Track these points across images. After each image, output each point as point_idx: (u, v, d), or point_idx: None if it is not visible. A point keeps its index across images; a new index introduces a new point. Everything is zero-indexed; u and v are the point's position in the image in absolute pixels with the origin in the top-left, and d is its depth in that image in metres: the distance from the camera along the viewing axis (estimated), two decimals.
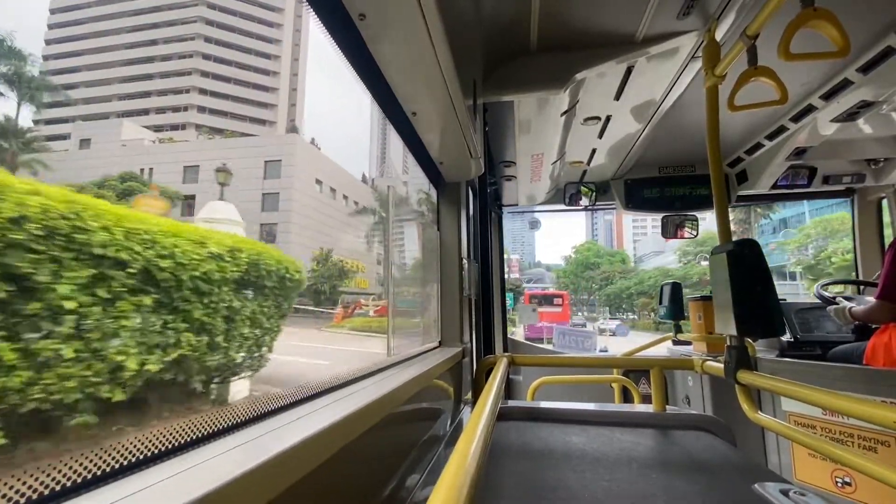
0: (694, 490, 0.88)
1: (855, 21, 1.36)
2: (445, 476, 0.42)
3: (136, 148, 39.62)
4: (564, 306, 23.55)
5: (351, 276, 33.60)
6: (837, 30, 1.04)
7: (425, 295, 1.51)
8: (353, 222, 35.26)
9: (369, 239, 32.35)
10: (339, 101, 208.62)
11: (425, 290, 1.52)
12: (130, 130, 43.31)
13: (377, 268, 31.28)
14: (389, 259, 1.80)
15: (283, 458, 0.45)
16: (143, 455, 0.42)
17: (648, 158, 2.87)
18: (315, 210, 38.55)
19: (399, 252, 1.92)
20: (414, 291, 1.48)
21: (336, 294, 30.98)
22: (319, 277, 30.04)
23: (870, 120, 2.03)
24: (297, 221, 36.29)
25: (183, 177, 37.69)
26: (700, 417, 1.38)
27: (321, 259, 32.49)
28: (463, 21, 1.31)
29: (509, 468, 0.99)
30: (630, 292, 41.87)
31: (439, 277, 1.69)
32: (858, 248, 2.97)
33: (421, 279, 1.52)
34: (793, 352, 2.38)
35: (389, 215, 1.38)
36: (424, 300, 1.51)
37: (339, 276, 31.63)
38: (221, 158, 35.98)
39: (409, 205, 3.37)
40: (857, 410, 0.73)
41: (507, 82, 1.68)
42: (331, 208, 37.30)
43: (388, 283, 1.33)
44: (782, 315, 1.80)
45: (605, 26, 1.52)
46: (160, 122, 52.43)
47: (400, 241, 1.95)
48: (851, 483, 1.75)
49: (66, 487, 0.35)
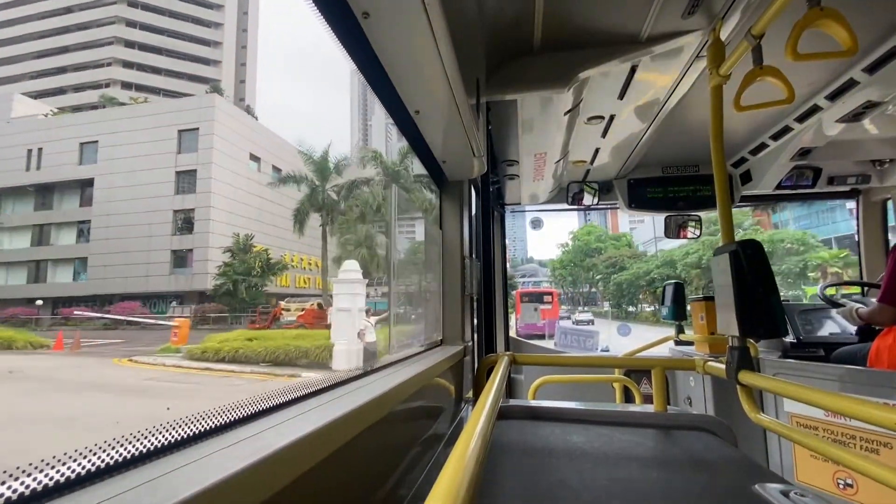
0: (694, 490, 0.88)
1: (861, 21, 1.35)
2: (445, 474, 0.42)
3: (26, 125, 33.70)
4: (554, 304, 24.28)
5: (278, 273, 28.53)
6: (845, 29, 1.04)
7: (417, 293, 1.51)
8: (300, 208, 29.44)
9: (325, 227, 26.98)
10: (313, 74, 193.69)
11: (419, 288, 1.52)
12: (24, 106, 37.01)
13: (329, 262, 26.43)
14: (391, 259, 1.78)
15: (281, 455, 0.45)
16: (137, 452, 0.42)
17: (652, 158, 2.86)
18: (251, 194, 32.47)
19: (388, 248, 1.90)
20: (408, 291, 1.47)
21: (257, 295, 26.33)
22: (232, 274, 25.59)
23: (875, 120, 2.01)
24: (221, 206, 30.36)
25: (80, 156, 31.96)
26: (701, 418, 1.38)
27: (241, 250, 27.36)
28: (466, 19, 1.31)
29: (510, 467, 0.99)
30: (652, 277, 32.38)
31: (441, 276, 1.69)
32: (863, 250, 2.95)
33: (413, 278, 1.51)
34: (795, 353, 2.37)
35: (393, 215, 1.38)
36: (415, 299, 1.51)
37: (261, 272, 26.88)
38: (127, 130, 31.11)
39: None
40: (859, 412, 0.73)
41: (511, 81, 1.68)
42: (274, 192, 31.43)
43: (391, 281, 1.33)
44: (785, 316, 1.79)
45: (610, 25, 1.51)
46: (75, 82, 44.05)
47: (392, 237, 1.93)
48: (853, 485, 1.74)
49: (59, 484, 0.35)
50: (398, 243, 1.34)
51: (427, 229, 1.60)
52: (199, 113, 31.39)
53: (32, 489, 0.33)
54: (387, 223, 23.98)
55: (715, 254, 1.23)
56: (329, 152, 27.34)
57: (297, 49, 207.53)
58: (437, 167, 1.63)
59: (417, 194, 22.13)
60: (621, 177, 3.09)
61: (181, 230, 30.69)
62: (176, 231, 30.73)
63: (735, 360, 1.14)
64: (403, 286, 1.44)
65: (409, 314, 1.46)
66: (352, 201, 26.52)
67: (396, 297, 1.35)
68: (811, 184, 2.69)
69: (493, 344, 2.13)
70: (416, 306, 1.50)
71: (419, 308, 1.50)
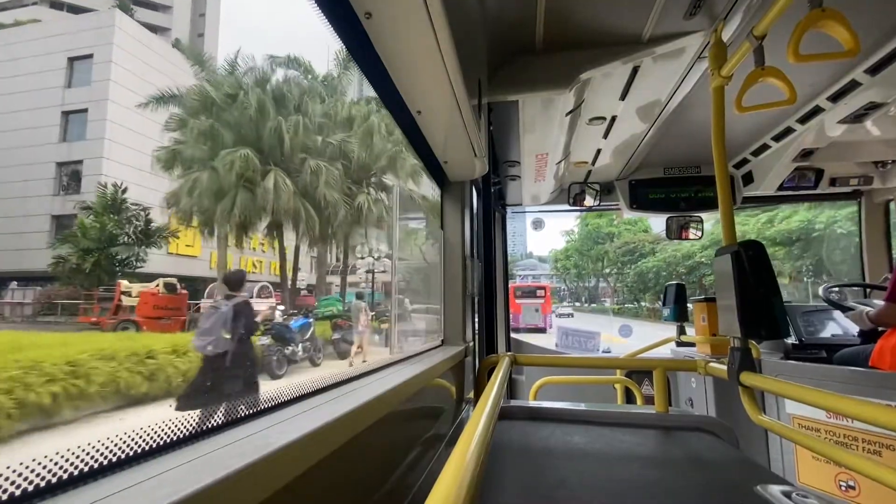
0: (696, 491, 0.88)
1: (862, 22, 1.34)
2: (445, 474, 0.42)
3: None
4: (546, 298, 24.34)
5: (158, 242, 19.24)
6: (847, 30, 1.04)
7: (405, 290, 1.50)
8: None
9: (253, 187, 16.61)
10: None
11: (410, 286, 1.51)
12: None
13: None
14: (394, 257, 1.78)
15: (281, 454, 0.45)
16: (138, 450, 0.42)
17: (653, 159, 2.85)
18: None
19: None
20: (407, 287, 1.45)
21: (111, 274, 16.96)
22: (84, 241, 16.74)
23: (877, 122, 2.01)
24: (120, 158, 21.70)
25: None
26: (703, 419, 1.37)
27: (109, 209, 17.90)
28: (468, 20, 1.31)
29: (510, 467, 0.99)
30: (697, 261, 23.78)
31: (442, 276, 1.69)
32: (865, 251, 2.94)
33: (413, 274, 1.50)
34: (797, 354, 2.37)
35: (395, 214, 1.38)
36: None
37: (135, 240, 17.96)
38: (5, 59, 22.50)
39: None
40: (861, 413, 0.73)
41: (512, 82, 1.68)
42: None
43: (393, 281, 1.33)
44: (787, 317, 1.79)
45: (611, 26, 1.51)
46: None
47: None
48: (855, 486, 1.74)
49: (62, 480, 0.35)
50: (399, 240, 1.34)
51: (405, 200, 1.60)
52: (96, 35, 23.34)
53: (35, 485, 0.34)
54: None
55: (716, 255, 1.23)
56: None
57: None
58: (438, 167, 1.63)
59: None
60: (623, 178, 3.08)
61: (66, 189, 22.44)
62: (60, 190, 22.52)
63: (737, 362, 1.13)
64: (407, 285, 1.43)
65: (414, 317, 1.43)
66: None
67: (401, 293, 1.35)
68: (813, 185, 2.69)
69: (494, 344, 2.13)
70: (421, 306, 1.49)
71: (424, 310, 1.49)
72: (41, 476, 0.34)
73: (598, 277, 37.86)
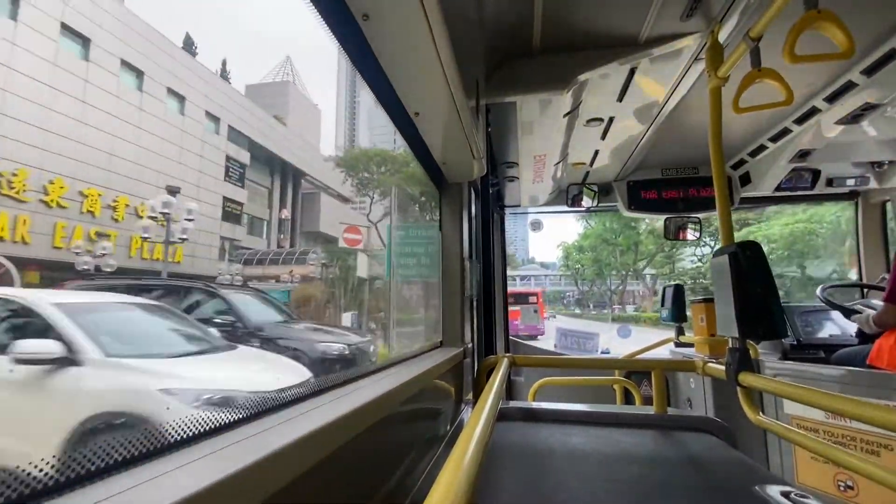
0: (694, 492, 0.88)
1: (858, 23, 1.35)
2: (444, 476, 0.42)
3: None
4: (539, 304, 24.50)
5: None
6: (842, 31, 1.04)
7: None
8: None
9: None
10: None
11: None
12: None
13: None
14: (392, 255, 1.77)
15: (280, 455, 0.45)
16: (138, 451, 0.42)
17: (651, 160, 2.86)
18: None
19: None
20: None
21: None
22: None
23: (874, 122, 2.02)
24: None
25: None
26: (701, 419, 1.38)
27: None
28: (466, 22, 1.31)
29: (509, 469, 0.99)
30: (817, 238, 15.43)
31: (441, 277, 1.69)
32: (862, 252, 2.95)
33: None
34: (795, 354, 2.37)
35: (393, 214, 1.38)
36: None
37: None
38: None
39: None
40: (859, 413, 0.73)
41: (510, 83, 1.68)
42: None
43: (392, 280, 1.33)
44: (784, 317, 1.79)
45: (608, 27, 1.52)
46: None
47: None
48: (854, 487, 1.74)
49: (59, 483, 0.35)
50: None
51: None
52: None
53: (33, 488, 0.33)
54: None
55: (714, 255, 1.23)
56: None
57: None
58: (436, 169, 1.63)
59: None
60: (621, 179, 3.09)
61: None
62: None
63: (735, 362, 1.14)
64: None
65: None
66: None
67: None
68: (810, 186, 2.70)
69: (492, 346, 2.13)
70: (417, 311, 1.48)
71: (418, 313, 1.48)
72: (45, 475, 0.34)
73: (624, 275, 29.84)
